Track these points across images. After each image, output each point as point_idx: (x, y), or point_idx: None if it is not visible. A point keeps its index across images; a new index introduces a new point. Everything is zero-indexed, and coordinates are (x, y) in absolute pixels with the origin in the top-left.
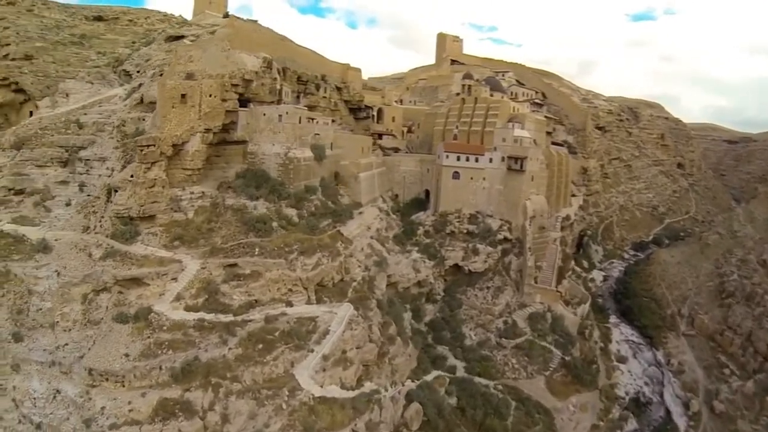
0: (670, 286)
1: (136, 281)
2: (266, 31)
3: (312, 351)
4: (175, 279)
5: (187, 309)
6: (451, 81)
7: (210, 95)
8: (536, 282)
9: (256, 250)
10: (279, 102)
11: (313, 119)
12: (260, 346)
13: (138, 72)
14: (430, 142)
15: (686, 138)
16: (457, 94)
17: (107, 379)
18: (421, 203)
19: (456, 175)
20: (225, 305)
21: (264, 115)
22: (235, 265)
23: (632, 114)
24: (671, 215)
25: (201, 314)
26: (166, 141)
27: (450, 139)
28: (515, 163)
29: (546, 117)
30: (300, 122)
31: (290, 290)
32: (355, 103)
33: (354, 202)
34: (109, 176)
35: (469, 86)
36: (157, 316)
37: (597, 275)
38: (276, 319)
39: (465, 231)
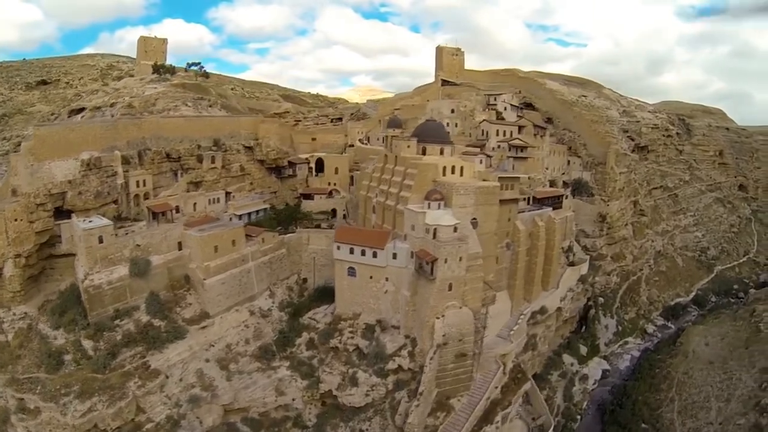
0: (685, 408)
1: None
2: (90, 127)
3: None
4: None
5: None
6: (424, 111)
7: (15, 220)
8: None
9: (39, 387)
10: (129, 197)
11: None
12: None
13: None
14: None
15: (751, 152)
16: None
17: None
18: (330, 292)
19: (352, 272)
20: None
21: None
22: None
23: (684, 127)
24: (724, 259)
25: None
26: None
27: (370, 212)
28: (426, 265)
29: (507, 178)
30: (102, 242)
31: None
32: (270, 161)
33: (204, 311)
34: None
35: (391, 138)
36: None
37: (594, 369)
38: None
39: (353, 348)
